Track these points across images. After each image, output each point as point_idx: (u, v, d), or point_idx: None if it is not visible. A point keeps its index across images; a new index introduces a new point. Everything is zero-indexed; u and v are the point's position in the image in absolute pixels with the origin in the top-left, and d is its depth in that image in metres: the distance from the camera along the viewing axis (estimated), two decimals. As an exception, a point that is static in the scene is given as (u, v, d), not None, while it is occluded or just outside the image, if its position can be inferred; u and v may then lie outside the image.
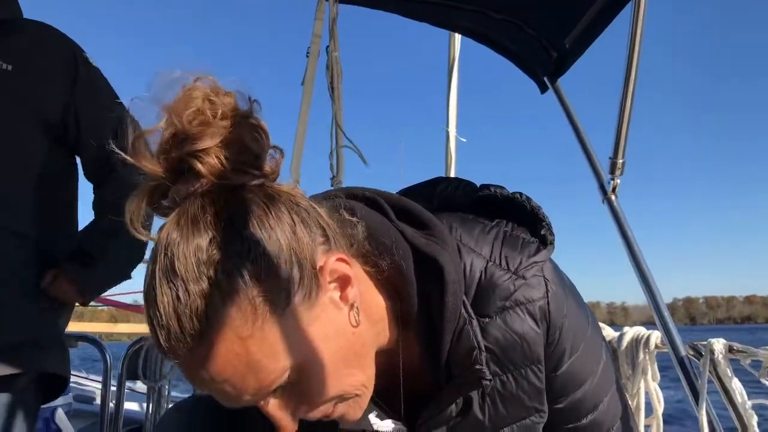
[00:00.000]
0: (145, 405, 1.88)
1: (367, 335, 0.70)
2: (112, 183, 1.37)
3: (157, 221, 0.63)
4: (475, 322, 0.72)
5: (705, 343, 1.30)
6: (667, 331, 1.37)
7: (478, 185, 0.86)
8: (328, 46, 2.21)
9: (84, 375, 4.55)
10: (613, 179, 1.60)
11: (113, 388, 2.00)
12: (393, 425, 0.77)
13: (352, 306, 0.67)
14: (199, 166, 0.59)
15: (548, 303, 0.75)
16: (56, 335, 1.31)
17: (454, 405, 0.75)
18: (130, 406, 2.13)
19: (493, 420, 0.76)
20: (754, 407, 1.23)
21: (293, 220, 0.63)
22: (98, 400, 3.41)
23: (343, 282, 0.66)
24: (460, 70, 2.86)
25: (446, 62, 2.90)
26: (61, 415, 2.93)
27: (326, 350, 0.63)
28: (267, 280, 0.59)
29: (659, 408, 1.51)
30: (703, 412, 1.20)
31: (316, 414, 0.66)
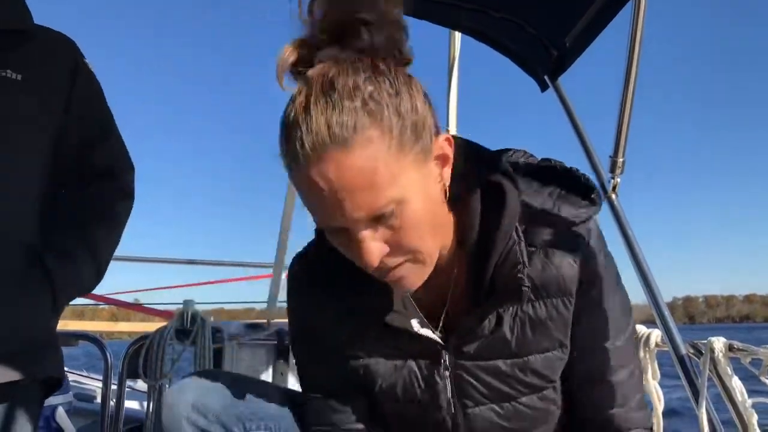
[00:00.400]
0: (145, 404, 1.88)
1: (444, 218, 0.81)
2: (94, 193, 1.36)
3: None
4: (523, 245, 0.82)
5: (705, 341, 1.30)
6: (667, 330, 1.37)
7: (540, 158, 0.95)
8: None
9: (84, 374, 4.55)
10: (613, 178, 1.60)
11: (114, 387, 2.00)
12: (432, 333, 0.84)
13: (443, 185, 0.78)
14: (364, 31, 0.69)
15: (588, 247, 0.85)
16: (53, 338, 1.31)
17: (488, 321, 0.83)
18: (130, 404, 2.13)
19: (520, 342, 0.84)
20: (755, 406, 1.22)
21: (424, 96, 0.74)
22: (99, 399, 3.41)
23: (444, 160, 0.77)
24: (460, 69, 2.86)
25: (446, 61, 2.90)
26: (61, 414, 2.92)
27: (423, 204, 0.73)
28: (403, 122, 0.69)
29: (659, 406, 1.51)
30: (703, 410, 1.20)
31: (390, 262, 0.74)
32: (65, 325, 1.39)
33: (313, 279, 0.90)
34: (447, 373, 0.86)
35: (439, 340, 0.85)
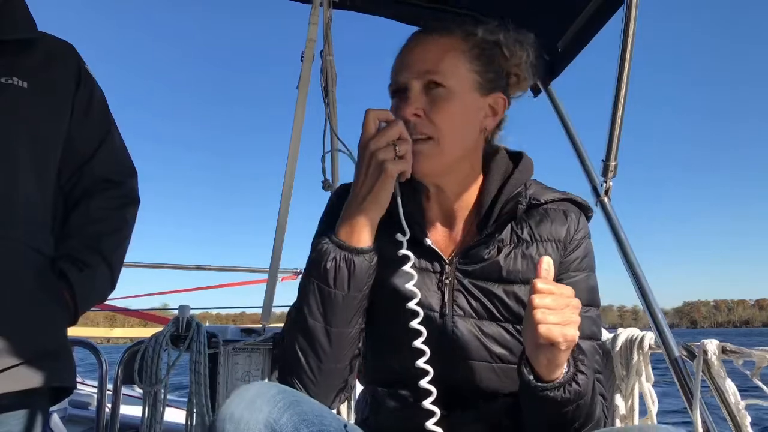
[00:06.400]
0: (140, 409, 1.87)
1: (474, 148, 1.05)
2: (102, 202, 1.37)
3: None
4: (529, 192, 1.05)
5: (698, 344, 1.31)
6: (660, 332, 1.38)
7: None
8: (322, 50, 2.22)
9: (80, 380, 4.52)
10: (605, 181, 1.61)
11: (109, 393, 1.99)
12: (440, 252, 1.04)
13: (484, 127, 1.05)
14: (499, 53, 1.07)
15: (579, 219, 1.05)
16: (67, 347, 1.31)
17: (488, 248, 1.01)
18: (125, 410, 2.11)
19: (509, 269, 1.00)
20: (748, 407, 1.23)
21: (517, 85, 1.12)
22: (94, 405, 3.39)
23: (493, 112, 1.05)
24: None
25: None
26: (56, 421, 2.91)
27: (461, 112, 1.00)
28: (489, 59, 1.04)
29: (653, 409, 1.52)
30: (697, 412, 1.20)
31: (418, 126, 0.98)
32: (75, 332, 1.38)
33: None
34: (447, 281, 1.02)
35: (444, 257, 1.03)
